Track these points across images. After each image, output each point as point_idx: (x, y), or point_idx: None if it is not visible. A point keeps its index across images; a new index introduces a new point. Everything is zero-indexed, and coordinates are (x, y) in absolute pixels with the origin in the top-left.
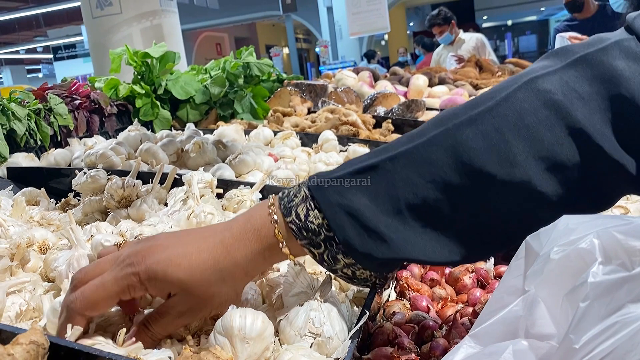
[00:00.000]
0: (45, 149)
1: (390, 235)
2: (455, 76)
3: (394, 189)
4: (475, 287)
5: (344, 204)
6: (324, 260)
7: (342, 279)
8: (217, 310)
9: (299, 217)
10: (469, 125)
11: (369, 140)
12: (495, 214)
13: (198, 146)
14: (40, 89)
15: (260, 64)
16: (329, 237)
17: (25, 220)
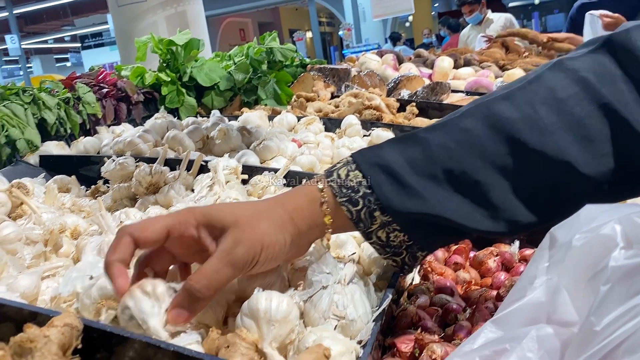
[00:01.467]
0: (75, 137)
1: (425, 194)
2: (481, 57)
3: (429, 153)
4: (500, 270)
5: (382, 164)
6: (361, 219)
7: (375, 247)
8: (268, 258)
9: (339, 177)
10: (501, 100)
11: (393, 124)
12: (527, 182)
13: (223, 133)
14: (69, 79)
15: (284, 49)
16: (367, 194)
17: (57, 207)
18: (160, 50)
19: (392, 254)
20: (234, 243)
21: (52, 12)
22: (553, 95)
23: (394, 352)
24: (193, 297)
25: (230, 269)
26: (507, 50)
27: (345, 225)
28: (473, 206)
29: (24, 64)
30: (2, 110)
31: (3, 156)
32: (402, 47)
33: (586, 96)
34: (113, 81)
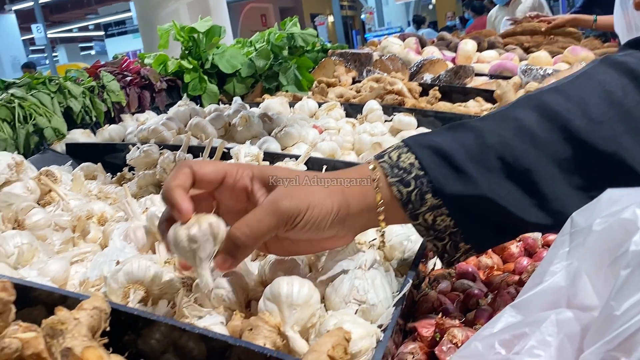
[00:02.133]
0: (100, 125)
1: (478, 178)
2: (506, 40)
3: (481, 139)
4: (522, 255)
5: (435, 147)
6: (410, 201)
7: (418, 229)
8: (312, 219)
9: (391, 159)
10: (552, 92)
11: (415, 108)
12: (576, 172)
13: (245, 120)
14: (93, 67)
15: (304, 35)
16: (419, 176)
17: (84, 194)
18: (182, 37)
19: (434, 237)
20: (281, 195)
21: (76, 1)
22: (602, 88)
23: (415, 337)
24: (235, 244)
25: (273, 219)
26: (532, 32)
27: (392, 208)
28: (523, 195)
29: (50, 53)
30: (30, 100)
31: (31, 144)
32: (426, 31)
33: (635, 87)
34: (136, 69)
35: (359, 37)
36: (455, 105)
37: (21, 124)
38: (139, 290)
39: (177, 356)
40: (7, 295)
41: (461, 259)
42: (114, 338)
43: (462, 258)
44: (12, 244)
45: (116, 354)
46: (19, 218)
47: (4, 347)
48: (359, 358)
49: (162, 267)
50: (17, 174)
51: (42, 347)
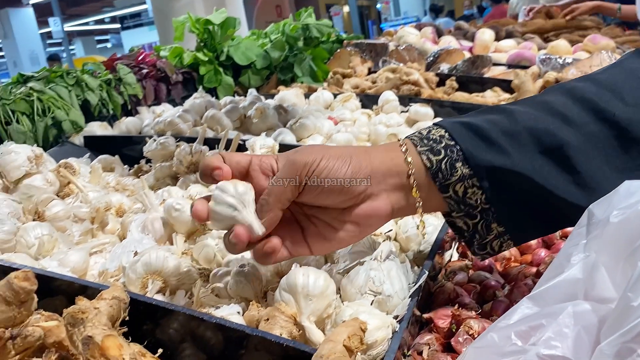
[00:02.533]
0: (117, 117)
1: (509, 150)
2: (524, 29)
3: (512, 116)
4: (540, 247)
5: (466, 122)
6: (440, 169)
7: (449, 203)
8: (327, 168)
9: (421, 133)
10: (582, 80)
11: (432, 99)
12: (612, 152)
13: (260, 112)
14: (110, 60)
15: (320, 25)
16: (450, 145)
17: (102, 186)
18: (197, 29)
19: (465, 213)
20: (295, 150)
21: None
22: (636, 75)
23: (431, 328)
24: (261, 206)
25: (288, 170)
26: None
27: (422, 178)
28: (557, 170)
29: (67, 46)
30: (48, 93)
31: (50, 137)
32: (444, 20)
33: None
34: (152, 62)
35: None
36: (472, 95)
37: (40, 117)
38: (157, 281)
39: (195, 345)
40: (30, 285)
41: (494, 246)
42: (132, 327)
43: (495, 244)
44: (32, 235)
45: (135, 342)
46: (39, 210)
47: (27, 335)
48: (374, 348)
49: (179, 258)
50: (37, 167)
51: (64, 336)
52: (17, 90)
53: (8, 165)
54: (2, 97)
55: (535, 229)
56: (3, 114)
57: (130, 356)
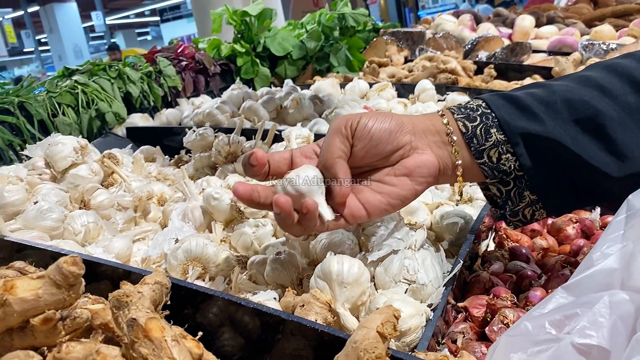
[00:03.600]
0: (157, 109)
1: (543, 117)
2: (566, 14)
3: (549, 88)
4: (579, 237)
5: (503, 94)
6: (475, 135)
7: (483, 170)
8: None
9: (460, 104)
10: (625, 57)
11: (469, 87)
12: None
13: (296, 102)
14: (150, 53)
15: (356, 14)
16: (485, 113)
17: (144, 175)
18: (234, 21)
19: (499, 180)
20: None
21: None
22: None
23: (466, 317)
24: (324, 167)
25: (334, 127)
26: (596, 5)
27: (459, 143)
28: (590, 137)
29: (109, 39)
30: (92, 86)
31: (94, 128)
32: (483, 7)
33: None
34: (191, 54)
35: (412, 15)
36: (511, 83)
37: (84, 109)
38: (197, 267)
39: (233, 330)
40: (78, 269)
41: (526, 213)
42: (174, 312)
43: (527, 212)
44: (79, 222)
45: (176, 326)
46: (84, 198)
47: (76, 316)
48: (408, 336)
49: (218, 246)
50: (82, 157)
51: (110, 318)
52: (62, 84)
53: (56, 156)
54: (49, 90)
55: (569, 199)
56: (50, 107)
57: (172, 338)
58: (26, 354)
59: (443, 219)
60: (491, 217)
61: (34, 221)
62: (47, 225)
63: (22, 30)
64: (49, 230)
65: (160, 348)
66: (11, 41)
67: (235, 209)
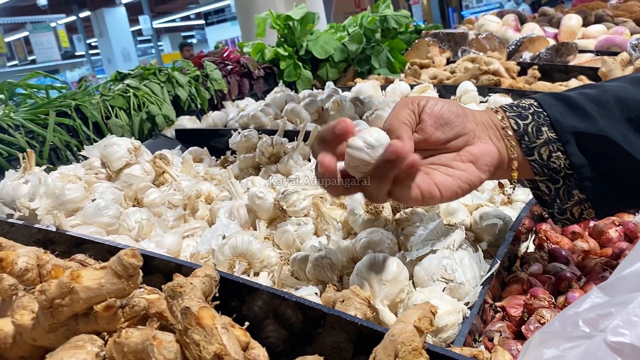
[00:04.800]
0: (204, 111)
1: (594, 115)
2: (616, 12)
3: (602, 88)
4: (622, 240)
5: (556, 93)
6: (527, 132)
7: (533, 167)
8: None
9: (512, 103)
10: None
11: (512, 89)
12: None
13: (337, 104)
14: (198, 57)
15: (397, 16)
16: (537, 112)
17: (193, 175)
18: (278, 25)
19: (548, 178)
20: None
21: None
22: None
23: (504, 316)
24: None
25: (399, 102)
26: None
27: (512, 139)
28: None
29: (156, 43)
30: (143, 89)
31: (144, 130)
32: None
33: None
34: (236, 58)
35: (456, 15)
36: (555, 84)
37: (136, 112)
38: (242, 262)
39: (277, 322)
40: (137, 261)
41: (574, 212)
42: (221, 304)
43: (575, 211)
44: (133, 219)
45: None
46: (138, 196)
47: (134, 305)
48: (445, 332)
49: (262, 242)
50: (136, 158)
51: (164, 307)
52: (115, 87)
53: (111, 156)
54: (103, 93)
55: (619, 200)
56: (103, 109)
57: (222, 326)
58: (90, 338)
59: (482, 220)
60: (531, 219)
61: (92, 217)
62: (104, 221)
63: (74, 34)
64: (106, 226)
65: (211, 335)
66: (64, 45)
67: (278, 208)
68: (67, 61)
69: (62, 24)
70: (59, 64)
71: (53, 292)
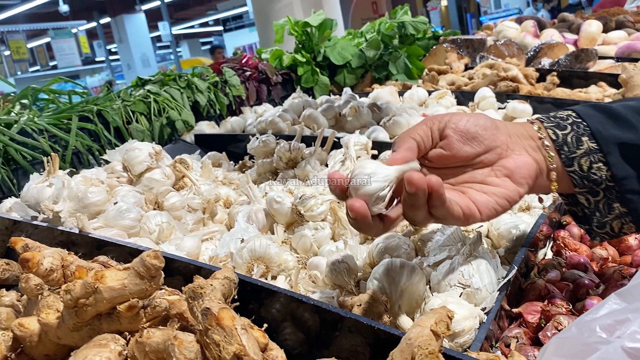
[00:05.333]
0: (223, 117)
1: (637, 125)
2: (637, 18)
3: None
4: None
5: (593, 104)
6: (566, 142)
7: (573, 178)
8: (457, 118)
9: (548, 114)
10: None
11: (531, 95)
12: None
13: (354, 110)
14: (217, 64)
15: (415, 22)
16: (576, 122)
17: (212, 179)
18: (296, 32)
19: (588, 190)
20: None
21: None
22: None
23: (521, 322)
24: (400, 144)
25: (421, 122)
26: None
27: (550, 149)
28: None
29: (175, 49)
30: (163, 95)
31: (164, 135)
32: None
33: None
34: (255, 64)
35: (474, 21)
36: (574, 91)
37: (156, 117)
38: (261, 265)
39: (294, 325)
40: (159, 262)
41: (614, 226)
42: (240, 306)
43: (615, 225)
44: (154, 222)
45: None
46: (158, 200)
47: (156, 305)
48: (461, 337)
49: (280, 246)
50: (156, 162)
51: (185, 308)
52: (136, 93)
53: (133, 160)
54: (124, 99)
55: None
56: (125, 114)
57: (242, 327)
58: (113, 337)
59: (500, 226)
60: (549, 226)
61: (114, 220)
62: (125, 224)
63: (95, 40)
64: (127, 229)
65: (231, 335)
66: (85, 51)
67: (296, 212)
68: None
69: (83, 30)
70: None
71: (78, 291)
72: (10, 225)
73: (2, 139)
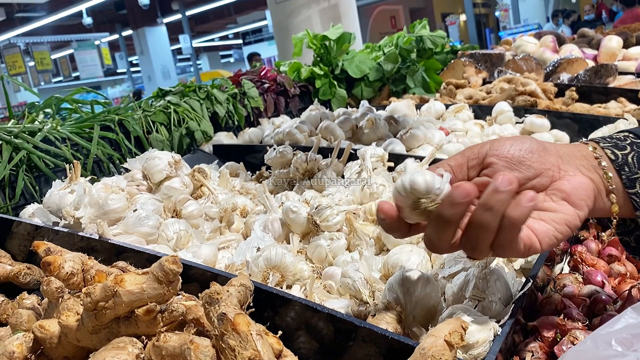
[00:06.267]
0: (241, 128)
1: None
2: None
3: None
4: None
5: None
6: (627, 163)
7: (634, 201)
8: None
9: (604, 136)
10: None
11: (549, 110)
12: None
13: (371, 122)
14: (236, 76)
15: (433, 37)
16: (635, 142)
17: (229, 189)
18: (314, 45)
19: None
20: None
21: (218, 12)
22: None
23: (537, 336)
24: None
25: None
26: None
27: (609, 169)
28: None
29: (195, 61)
30: (183, 106)
31: (184, 145)
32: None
33: None
34: (273, 77)
35: (493, 36)
36: (593, 106)
37: (176, 127)
38: (276, 274)
39: (308, 333)
40: (177, 267)
41: None
42: (255, 313)
43: None
44: (172, 230)
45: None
46: (177, 208)
47: (173, 310)
48: (475, 348)
49: (295, 256)
50: (176, 171)
51: (201, 314)
52: (156, 104)
53: (152, 169)
54: (145, 109)
55: None
56: (145, 124)
57: (257, 332)
58: (130, 340)
59: None
60: (566, 241)
61: (133, 227)
62: (144, 231)
63: (117, 52)
64: (146, 236)
65: (246, 340)
66: (107, 63)
67: (312, 222)
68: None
69: (105, 42)
70: (101, 80)
71: (98, 295)
72: (32, 231)
73: (26, 146)
